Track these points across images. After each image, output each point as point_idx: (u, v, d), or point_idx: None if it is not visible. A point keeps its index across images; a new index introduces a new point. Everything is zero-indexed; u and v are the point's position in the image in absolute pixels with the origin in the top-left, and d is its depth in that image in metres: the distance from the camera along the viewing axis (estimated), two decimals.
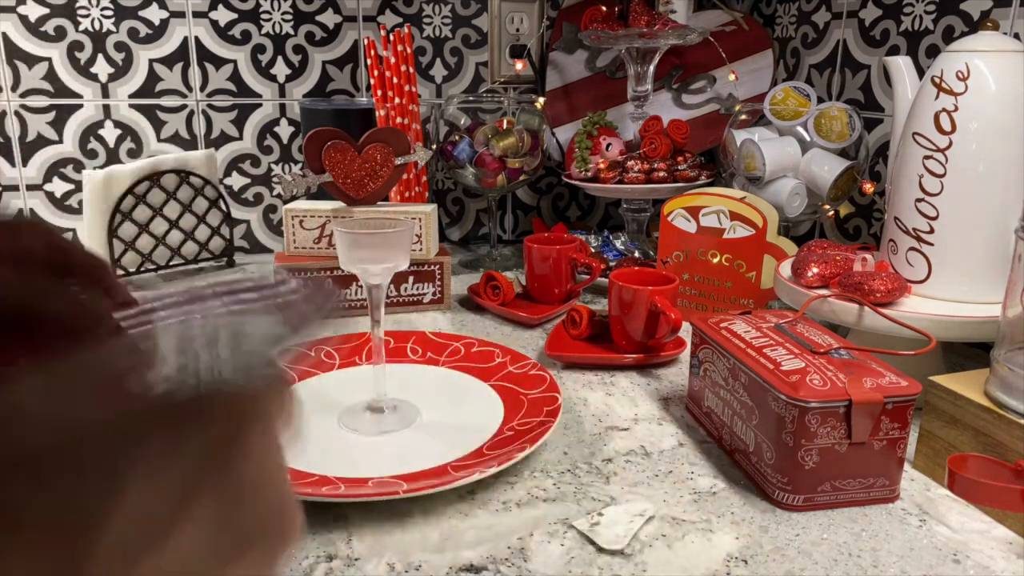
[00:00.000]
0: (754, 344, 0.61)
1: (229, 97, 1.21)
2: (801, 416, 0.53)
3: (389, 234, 0.62)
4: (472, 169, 1.15)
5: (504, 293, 0.98)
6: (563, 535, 0.52)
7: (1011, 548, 0.51)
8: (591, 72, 1.32)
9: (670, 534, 0.52)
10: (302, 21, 1.21)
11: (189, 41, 1.17)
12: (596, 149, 1.17)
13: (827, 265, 0.77)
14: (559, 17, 1.29)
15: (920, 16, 0.97)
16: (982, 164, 0.70)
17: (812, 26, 1.18)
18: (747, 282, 0.92)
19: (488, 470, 0.56)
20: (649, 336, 0.81)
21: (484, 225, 1.39)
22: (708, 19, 1.27)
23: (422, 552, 0.50)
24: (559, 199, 1.41)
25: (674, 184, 1.10)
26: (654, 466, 0.61)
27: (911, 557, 0.50)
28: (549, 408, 0.66)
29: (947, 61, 0.72)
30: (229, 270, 1.18)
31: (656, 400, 0.74)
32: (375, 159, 0.95)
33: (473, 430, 0.65)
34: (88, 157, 1.18)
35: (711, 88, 1.29)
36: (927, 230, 0.74)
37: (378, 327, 0.66)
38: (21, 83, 1.12)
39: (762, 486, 0.57)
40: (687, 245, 0.96)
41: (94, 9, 1.12)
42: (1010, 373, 0.59)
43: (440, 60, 1.28)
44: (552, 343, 0.84)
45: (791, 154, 0.96)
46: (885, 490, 0.56)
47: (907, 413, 0.54)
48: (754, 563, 0.49)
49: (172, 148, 1.20)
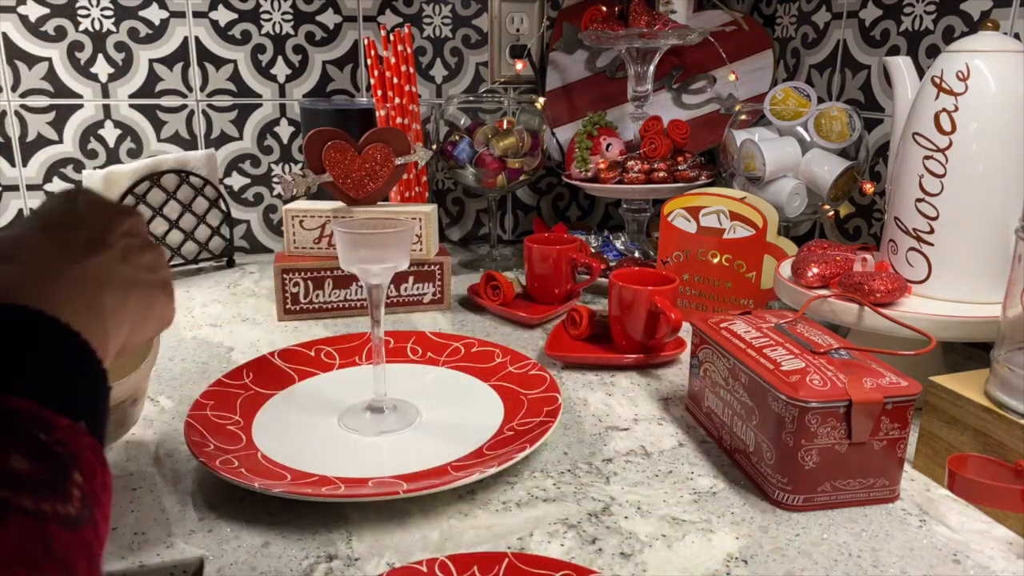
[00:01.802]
0: (754, 344, 0.61)
1: (229, 97, 1.21)
2: (801, 416, 0.53)
3: (389, 234, 0.62)
4: (472, 169, 1.15)
5: (504, 293, 0.98)
6: (563, 535, 0.52)
7: (1011, 548, 0.51)
8: (591, 72, 1.32)
9: (670, 534, 0.52)
10: (302, 21, 1.21)
11: (189, 41, 1.17)
12: (596, 149, 1.17)
13: (827, 265, 0.77)
14: (559, 17, 1.29)
15: (920, 16, 0.97)
16: (982, 164, 0.70)
17: (812, 26, 1.18)
18: (747, 282, 0.92)
19: (488, 470, 0.56)
20: (649, 336, 0.81)
21: (484, 225, 1.39)
22: (708, 19, 1.27)
23: (422, 552, 0.50)
24: (559, 199, 1.41)
25: (674, 184, 1.10)
26: (654, 466, 0.61)
27: (911, 557, 0.50)
28: (549, 408, 0.66)
29: (947, 61, 0.72)
30: (229, 270, 1.18)
31: (656, 400, 0.74)
32: (375, 159, 0.95)
33: (473, 430, 0.65)
34: (88, 157, 1.18)
35: (711, 88, 1.29)
36: (927, 230, 0.74)
37: (378, 327, 0.66)
38: (21, 83, 1.12)
39: (762, 486, 0.57)
40: (687, 245, 0.96)
41: (94, 9, 1.12)
42: (1010, 373, 0.58)
43: (440, 60, 1.28)
44: (552, 343, 0.84)
45: (791, 154, 0.96)
46: (885, 490, 0.56)
47: (907, 413, 0.54)
48: (754, 563, 0.49)
49: (172, 148, 1.20)
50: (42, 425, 0.26)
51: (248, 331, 0.92)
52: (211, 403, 0.67)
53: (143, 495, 0.57)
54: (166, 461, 0.62)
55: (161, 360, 0.82)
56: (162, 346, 0.86)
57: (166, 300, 0.45)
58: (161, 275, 0.44)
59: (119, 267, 0.40)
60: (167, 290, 0.45)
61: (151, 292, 0.43)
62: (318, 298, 0.96)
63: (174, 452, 0.63)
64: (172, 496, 0.57)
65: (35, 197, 1.17)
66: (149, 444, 0.65)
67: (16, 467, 0.24)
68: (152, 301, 0.43)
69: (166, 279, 0.45)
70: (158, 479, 0.59)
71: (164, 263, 0.45)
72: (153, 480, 0.59)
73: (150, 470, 0.60)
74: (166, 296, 0.45)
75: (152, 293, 0.43)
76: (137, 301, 0.41)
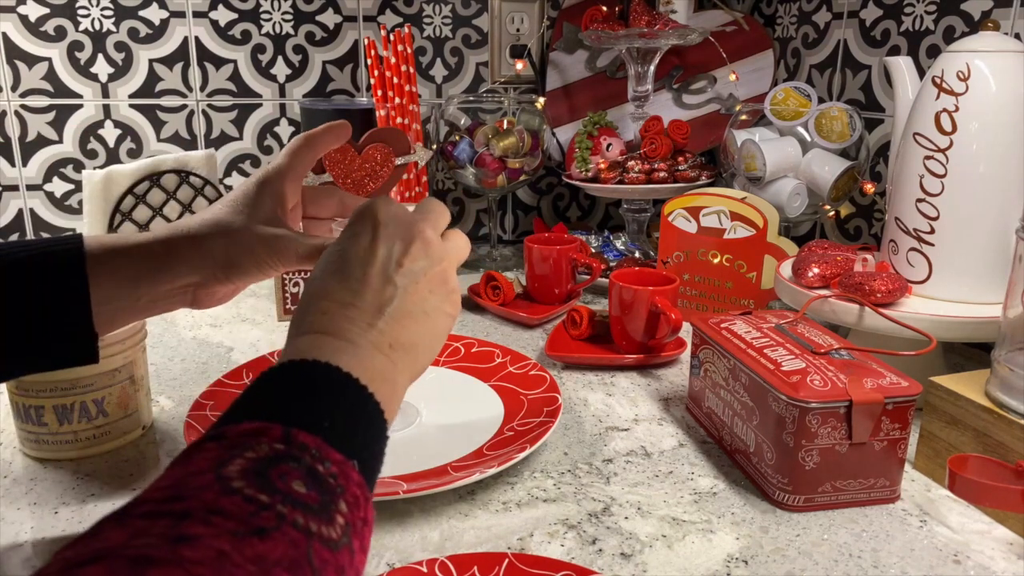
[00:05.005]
0: (754, 344, 0.61)
1: (229, 97, 1.21)
2: (801, 416, 0.53)
3: None
4: (472, 169, 1.15)
5: (504, 293, 0.98)
6: (563, 535, 0.52)
7: (1011, 548, 0.51)
8: (591, 72, 1.32)
9: (670, 534, 0.52)
10: (302, 21, 1.21)
11: (189, 41, 1.17)
12: (596, 149, 1.17)
13: (828, 265, 0.77)
14: (559, 17, 1.29)
15: (921, 16, 0.97)
16: (983, 164, 0.70)
17: (813, 26, 1.17)
18: (747, 282, 0.92)
19: (488, 470, 0.56)
20: (649, 336, 0.81)
21: (484, 225, 1.39)
22: (708, 19, 1.27)
23: (422, 552, 0.50)
24: (559, 199, 1.41)
25: (674, 184, 1.10)
26: (654, 466, 0.61)
27: (911, 558, 0.50)
28: (549, 408, 0.66)
29: (948, 61, 0.72)
30: None
31: (656, 400, 0.74)
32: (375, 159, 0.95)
33: (473, 430, 0.65)
34: (88, 157, 1.17)
35: (711, 88, 1.29)
36: (928, 230, 0.73)
37: None
38: (21, 83, 1.12)
39: (762, 486, 0.57)
40: (687, 245, 0.96)
41: (94, 9, 1.12)
42: (1011, 374, 0.58)
43: (440, 60, 1.28)
44: (552, 343, 0.84)
45: (792, 154, 0.96)
46: (886, 491, 0.56)
47: (908, 413, 0.54)
48: (754, 564, 0.49)
49: (172, 148, 1.20)
50: (321, 458, 0.31)
51: (248, 331, 0.92)
52: (211, 403, 0.67)
53: None
54: (166, 461, 0.62)
55: (161, 360, 0.82)
56: (162, 346, 0.86)
57: (450, 321, 0.45)
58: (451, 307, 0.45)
59: (413, 306, 0.42)
60: (450, 326, 0.45)
61: (440, 322, 0.44)
62: None
63: (174, 452, 0.63)
64: None
65: (35, 197, 1.17)
66: (149, 444, 0.65)
67: (296, 490, 0.29)
68: (441, 329, 0.44)
69: (453, 311, 0.45)
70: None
71: (452, 288, 0.45)
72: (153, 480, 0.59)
73: (150, 470, 0.60)
74: (452, 318, 0.45)
75: (440, 322, 0.44)
76: (428, 334, 0.43)
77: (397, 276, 0.42)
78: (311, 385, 0.35)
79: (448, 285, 0.44)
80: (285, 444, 0.30)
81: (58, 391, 0.60)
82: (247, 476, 0.28)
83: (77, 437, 0.61)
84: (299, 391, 0.34)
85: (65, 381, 0.60)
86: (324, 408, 0.34)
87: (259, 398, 0.34)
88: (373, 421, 0.36)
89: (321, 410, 0.34)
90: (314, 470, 0.30)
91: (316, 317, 0.40)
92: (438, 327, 0.43)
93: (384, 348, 0.40)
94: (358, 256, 0.42)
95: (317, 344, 0.38)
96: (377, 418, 0.37)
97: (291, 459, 0.30)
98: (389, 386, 0.39)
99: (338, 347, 0.38)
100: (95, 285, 0.47)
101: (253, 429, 0.31)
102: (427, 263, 0.43)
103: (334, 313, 0.40)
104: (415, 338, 0.42)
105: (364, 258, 0.42)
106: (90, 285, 0.46)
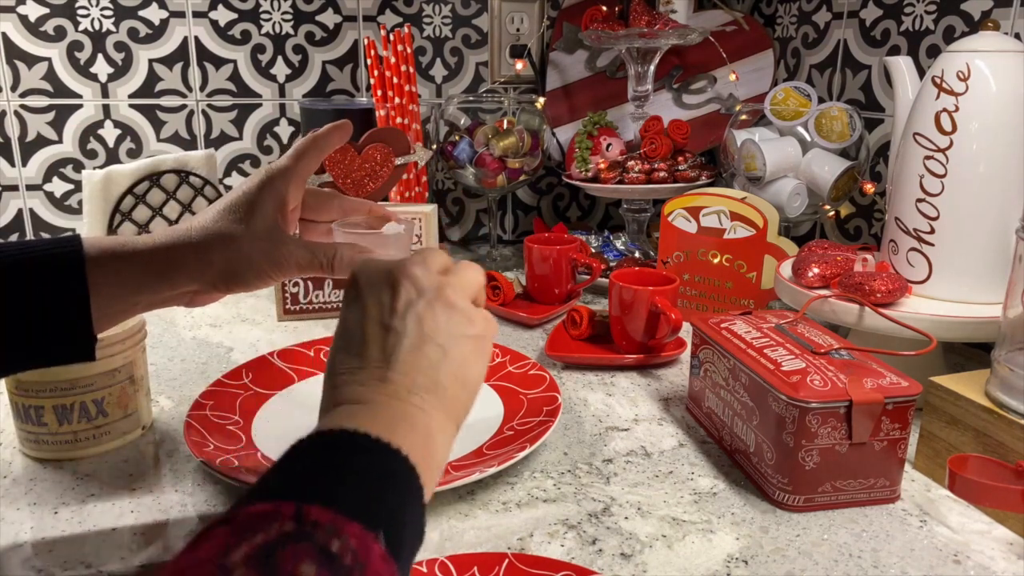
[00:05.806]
0: (754, 344, 0.61)
1: (229, 97, 1.21)
2: (802, 416, 0.53)
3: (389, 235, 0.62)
4: (472, 169, 1.15)
5: (504, 293, 0.98)
6: (563, 536, 0.52)
7: (1011, 549, 0.51)
8: (591, 72, 1.32)
9: (670, 534, 0.52)
10: (302, 21, 1.21)
11: (189, 41, 1.17)
12: (596, 149, 1.17)
13: (828, 265, 0.77)
14: (559, 17, 1.29)
15: (921, 16, 0.97)
16: (983, 164, 0.70)
17: (813, 26, 1.17)
18: (747, 282, 0.92)
19: (488, 470, 0.56)
20: (649, 336, 0.80)
21: (484, 225, 1.39)
22: (708, 19, 1.27)
23: (422, 552, 0.50)
24: (559, 199, 1.41)
25: (674, 184, 1.10)
26: (654, 466, 0.61)
27: (912, 558, 0.50)
28: (549, 408, 0.66)
29: (948, 61, 0.72)
30: None
31: (656, 400, 0.74)
32: (375, 159, 0.95)
33: (473, 430, 0.65)
34: (88, 157, 1.17)
35: (711, 88, 1.29)
36: (928, 230, 0.73)
37: None
38: (21, 83, 1.12)
39: (762, 487, 0.57)
40: (687, 245, 0.96)
41: (94, 9, 1.12)
42: (1011, 374, 0.58)
43: (440, 60, 1.28)
44: (552, 343, 0.84)
45: (792, 154, 0.96)
46: (886, 491, 0.56)
47: (908, 413, 0.54)
48: (754, 564, 0.49)
49: (172, 148, 1.20)
50: (336, 532, 0.28)
51: (248, 331, 0.92)
52: (211, 403, 0.67)
53: (143, 495, 0.57)
54: (166, 461, 0.62)
55: (161, 360, 0.82)
56: (162, 346, 0.86)
57: (478, 344, 0.43)
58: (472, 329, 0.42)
59: (423, 343, 0.40)
60: (479, 348, 0.43)
61: (462, 350, 0.41)
62: (318, 298, 0.96)
63: (174, 452, 0.63)
64: (172, 496, 0.57)
65: (35, 197, 1.17)
66: (149, 444, 0.65)
67: (303, 573, 0.26)
68: (467, 357, 0.41)
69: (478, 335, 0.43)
70: (158, 479, 0.59)
71: (462, 310, 0.42)
72: (153, 480, 0.59)
73: (150, 470, 0.60)
74: (479, 339, 0.43)
75: (462, 349, 0.41)
76: (452, 366, 0.40)
77: (394, 321, 0.40)
78: (323, 455, 0.33)
79: (457, 310, 0.42)
80: (296, 523, 0.28)
81: (58, 391, 0.60)
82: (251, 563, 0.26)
83: (77, 437, 0.61)
84: (311, 464, 0.33)
85: (65, 381, 0.60)
86: (338, 476, 0.32)
87: (271, 479, 0.32)
88: (399, 481, 0.34)
89: (335, 479, 0.32)
90: (326, 549, 0.28)
91: (329, 394, 0.39)
92: (462, 355, 0.41)
93: (403, 395, 0.38)
94: (354, 321, 0.41)
95: (331, 417, 0.36)
96: (404, 476, 0.34)
97: (303, 538, 0.28)
98: (421, 435, 0.37)
99: (351, 411, 0.37)
100: (95, 289, 0.47)
101: (263, 511, 0.29)
102: (420, 298, 0.41)
103: (345, 382, 0.39)
104: (436, 375, 0.40)
105: (359, 320, 0.41)
106: (90, 289, 0.46)
